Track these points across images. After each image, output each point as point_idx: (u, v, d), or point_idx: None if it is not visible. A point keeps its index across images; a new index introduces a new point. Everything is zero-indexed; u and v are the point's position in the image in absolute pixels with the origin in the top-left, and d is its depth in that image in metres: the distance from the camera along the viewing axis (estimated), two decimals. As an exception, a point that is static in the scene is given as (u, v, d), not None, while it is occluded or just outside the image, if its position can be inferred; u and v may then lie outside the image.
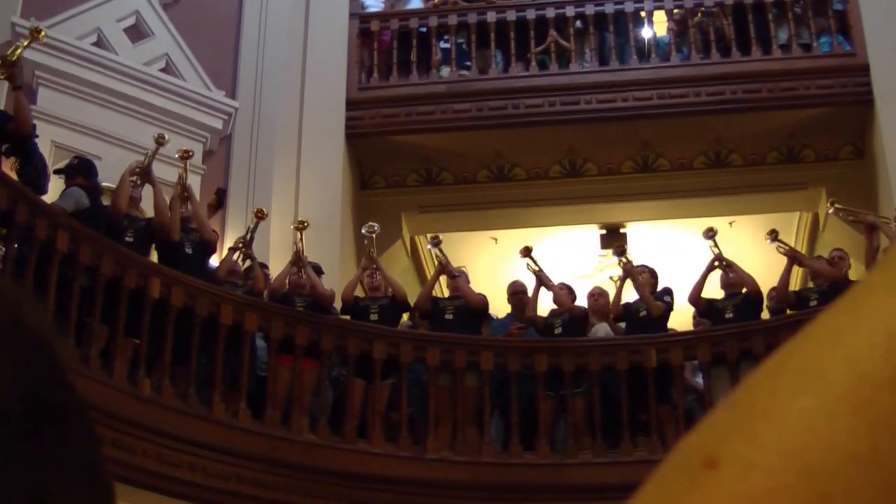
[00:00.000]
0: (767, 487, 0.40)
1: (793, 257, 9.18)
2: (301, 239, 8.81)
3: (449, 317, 8.76)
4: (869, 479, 0.40)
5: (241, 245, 8.82)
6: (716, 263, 9.09)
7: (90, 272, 7.52)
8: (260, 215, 8.94)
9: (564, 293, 9.09)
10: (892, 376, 0.41)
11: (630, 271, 9.19)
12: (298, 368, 8.10)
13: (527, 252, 9.19)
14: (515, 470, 8.06)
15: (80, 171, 8.18)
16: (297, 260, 8.65)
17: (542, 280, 9.06)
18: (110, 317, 7.53)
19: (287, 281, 8.62)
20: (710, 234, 9.19)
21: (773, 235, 9.15)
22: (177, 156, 8.87)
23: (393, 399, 8.37)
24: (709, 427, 0.44)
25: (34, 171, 7.90)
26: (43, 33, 8.24)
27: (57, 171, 8.30)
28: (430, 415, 8.29)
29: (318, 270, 8.83)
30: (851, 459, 0.40)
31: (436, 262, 9.25)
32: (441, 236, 9.58)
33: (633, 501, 0.44)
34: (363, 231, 9.21)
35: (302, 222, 8.94)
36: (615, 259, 9.65)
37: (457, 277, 9.01)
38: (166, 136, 8.70)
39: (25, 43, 8.13)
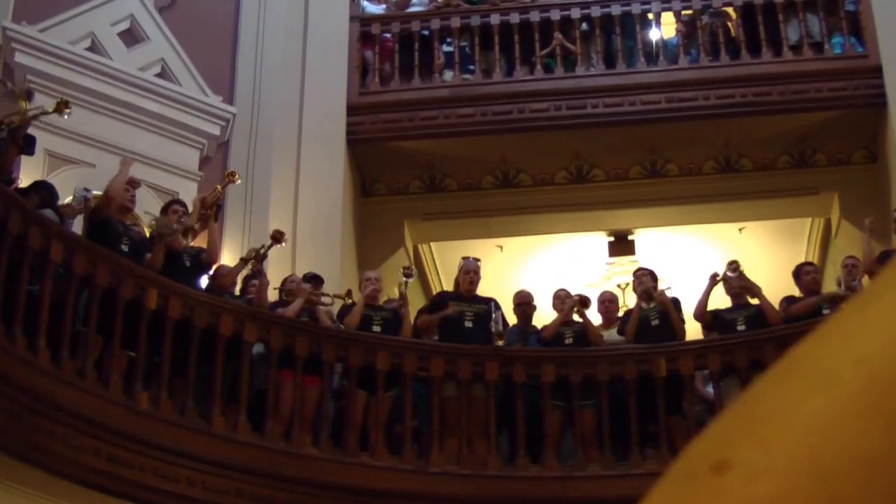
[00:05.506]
0: (778, 492, 0.40)
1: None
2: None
3: (468, 324, 8.56)
4: (881, 481, 0.39)
5: (253, 256, 8.56)
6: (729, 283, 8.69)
7: (85, 282, 7.36)
8: (276, 237, 8.69)
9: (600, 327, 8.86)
10: None
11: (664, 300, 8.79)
12: (299, 383, 7.93)
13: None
14: (522, 483, 7.96)
15: (41, 194, 7.91)
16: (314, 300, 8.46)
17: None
18: (106, 328, 7.37)
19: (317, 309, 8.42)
20: (734, 267, 8.75)
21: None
22: (227, 181, 9.00)
23: (396, 411, 8.21)
24: (716, 432, 0.43)
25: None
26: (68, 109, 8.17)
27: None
28: (434, 427, 8.12)
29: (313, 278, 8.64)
30: (863, 461, 0.40)
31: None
32: (444, 244, 9.33)
33: None
34: (403, 273, 8.85)
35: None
36: (621, 268, 9.37)
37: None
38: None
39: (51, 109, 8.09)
